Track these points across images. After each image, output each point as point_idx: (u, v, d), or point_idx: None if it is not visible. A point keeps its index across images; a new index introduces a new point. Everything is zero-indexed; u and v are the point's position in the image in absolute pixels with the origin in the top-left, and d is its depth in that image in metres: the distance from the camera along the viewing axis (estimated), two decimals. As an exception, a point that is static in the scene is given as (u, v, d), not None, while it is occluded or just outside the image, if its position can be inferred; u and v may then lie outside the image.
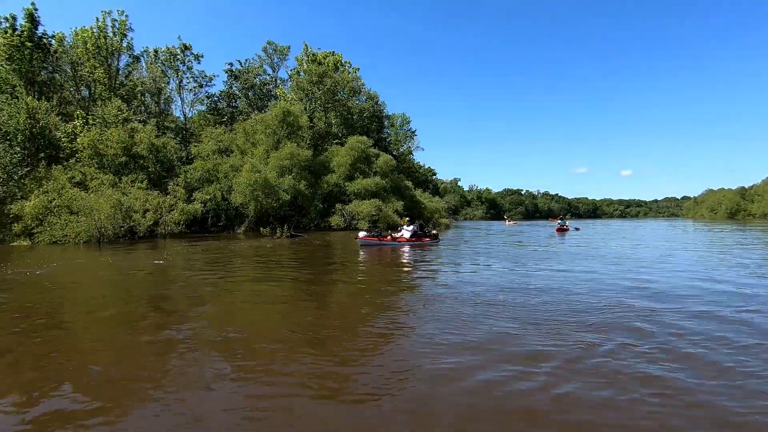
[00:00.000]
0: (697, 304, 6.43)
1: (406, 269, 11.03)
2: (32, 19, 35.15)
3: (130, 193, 23.66)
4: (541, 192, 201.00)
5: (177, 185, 28.03)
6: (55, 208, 19.90)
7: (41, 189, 20.98)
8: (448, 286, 8.16)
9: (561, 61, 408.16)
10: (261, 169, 29.10)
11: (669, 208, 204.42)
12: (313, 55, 47.52)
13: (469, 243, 20.49)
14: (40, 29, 35.12)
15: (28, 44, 33.38)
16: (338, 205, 32.36)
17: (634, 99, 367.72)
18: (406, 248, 16.24)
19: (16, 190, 21.91)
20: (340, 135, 40.89)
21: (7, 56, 31.97)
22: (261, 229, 26.79)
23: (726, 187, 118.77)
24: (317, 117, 40.51)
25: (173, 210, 24.81)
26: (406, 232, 17.43)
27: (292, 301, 7.06)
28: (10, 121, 25.95)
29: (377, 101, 44.55)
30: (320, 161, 35.33)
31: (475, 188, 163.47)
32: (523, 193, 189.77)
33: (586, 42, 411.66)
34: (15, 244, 19.03)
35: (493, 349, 4.38)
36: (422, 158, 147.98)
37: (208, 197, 28.61)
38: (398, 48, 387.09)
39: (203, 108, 43.75)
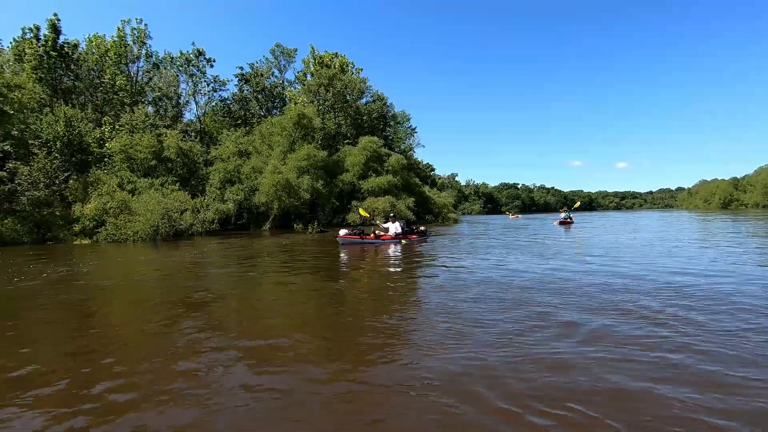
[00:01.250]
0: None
1: (425, 263, 11.51)
2: (55, 29, 37.11)
3: (170, 194, 25.92)
4: (537, 186, 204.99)
5: (212, 186, 30.39)
6: (110, 209, 22.21)
7: (97, 192, 23.25)
8: (463, 277, 8.64)
9: (555, 54, 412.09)
10: (283, 170, 31.47)
11: (664, 200, 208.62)
12: (320, 57, 49.83)
13: (480, 239, 19.68)
14: (61, 38, 37.17)
15: (53, 53, 35.38)
16: (354, 203, 34.80)
17: (629, 92, 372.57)
18: (392, 246, 15.37)
19: (67, 194, 24.11)
20: (349, 135, 43.30)
21: (33, 66, 33.93)
22: (294, 225, 29.29)
23: (719, 178, 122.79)
24: (327, 118, 42.82)
25: (209, 209, 27.16)
26: (391, 229, 16.73)
27: (319, 293, 7.58)
28: (48, 129, 28.05)
29: (385, 102, 47.05)
30: (333, 160, 37.74)
31: (472, 183, 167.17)
32: (519, 186, 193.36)
33: (582, 35, 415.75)
34: (76, 242, 21.35)
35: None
36: (420, 153, 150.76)
37: (237, 197, 30.96)
38: (391, 40, 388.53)
39: (210, 110, 45.87)
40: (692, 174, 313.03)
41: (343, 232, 16.32)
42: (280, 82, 51.07)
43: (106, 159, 30.83)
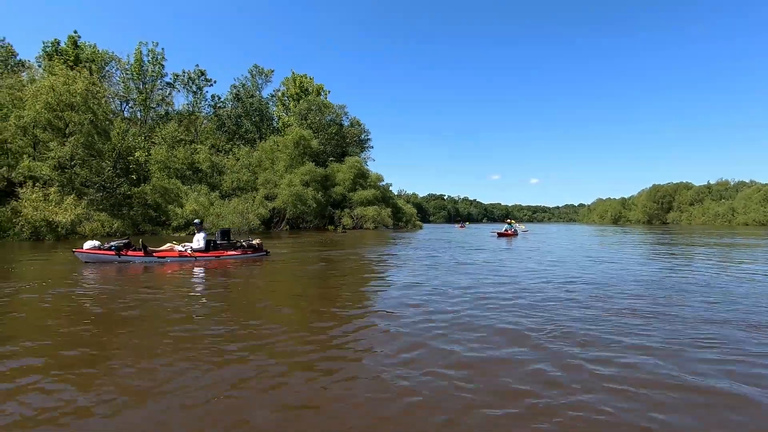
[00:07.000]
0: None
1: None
2: (75, 46, 43.10)
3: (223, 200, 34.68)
4: (461, 197, 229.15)
5: (257, 195, 39.20)
6: (198, 210, 30.83)
7: (190, 198, 31.62)
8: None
9: (478, 74, 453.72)
10: (296, 183, 41.33)
11: (568, 214, 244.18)
12: (300, 81, 59.84)
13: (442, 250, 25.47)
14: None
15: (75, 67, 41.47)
16: (346, 210, 45.52)
17: (543, 111, 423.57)
18: (196, 268, 11.40)
19: (146, 198, 31.93)
20: (330, 151, 53.93)
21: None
22: (328, 227, 39.46)
23: (612, 197, 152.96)
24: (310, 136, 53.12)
25: (250, 214, 36.19)
26: (196, 240, 13.05)
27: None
28: (107, 142, 34.99)
29: (363, 127, 58.59)
30: (324, 174, 48.02)
31: (403, 193, 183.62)
32: (445, 198, 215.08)
33: (503, 60, 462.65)
34: (174, 235, 29.55)
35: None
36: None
37: (272, 204, 40.08)
38: (327, 51, 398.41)
39: (207, 125, 53.52)
40: (592, 192, 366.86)
41: (88, 244, 12.09)
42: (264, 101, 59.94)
43: (133, 167, 38.06)
